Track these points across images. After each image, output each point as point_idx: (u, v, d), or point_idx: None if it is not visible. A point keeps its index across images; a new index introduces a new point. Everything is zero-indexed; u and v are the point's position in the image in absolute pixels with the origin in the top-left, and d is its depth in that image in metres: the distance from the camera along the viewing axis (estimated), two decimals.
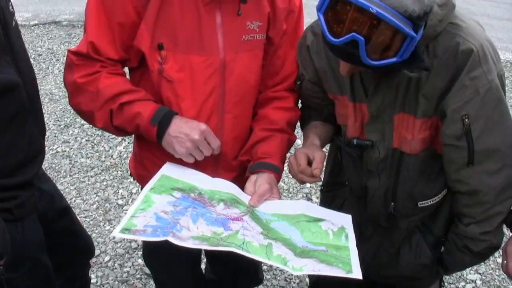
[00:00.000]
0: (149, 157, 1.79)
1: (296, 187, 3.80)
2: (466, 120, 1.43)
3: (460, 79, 1.42)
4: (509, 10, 11.62)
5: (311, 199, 3.69)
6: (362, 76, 1.58)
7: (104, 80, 1.59)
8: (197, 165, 1.67)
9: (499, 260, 3.07)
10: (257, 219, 1.52)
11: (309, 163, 1.60)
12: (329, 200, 1.94)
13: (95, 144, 4.31)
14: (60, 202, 1.86)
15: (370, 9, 1.16)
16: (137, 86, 1.68)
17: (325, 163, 1.75)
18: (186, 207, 1.49)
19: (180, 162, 1.65)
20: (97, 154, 4.20)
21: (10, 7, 1.57)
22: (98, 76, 1.59)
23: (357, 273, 1.38)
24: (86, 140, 4.38)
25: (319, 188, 2.06)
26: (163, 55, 1.57)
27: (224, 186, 1.64)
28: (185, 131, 1.56)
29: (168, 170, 1.64)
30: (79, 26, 7.06)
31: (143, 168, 1.83)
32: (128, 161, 4.06)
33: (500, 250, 1.66)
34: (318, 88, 1.74)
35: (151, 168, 1.74)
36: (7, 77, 1.44)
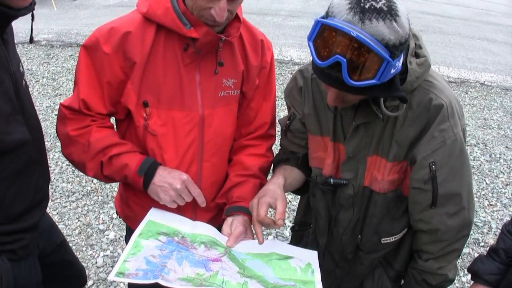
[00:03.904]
0: (135, 200, 1.95)
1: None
2: (433, 166, 1.61)
3: (431, 130, 1.61)
4: (480, 29, 11.99)
5: (285, 223, 3.85)
6: (343, 119, 1.75)
7: (95, 133, 1.75)
8: (178, 207, 1.82)
9: (464, 278, 3.30)
10: (234, 259, 1.70)
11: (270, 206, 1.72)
12: (297, 238, 2.11)
13: (75, 169, 4.39)
14: (57, 237, 1.91)
15: (351, 33, 1.30)
16: (123, 136, 1.85)
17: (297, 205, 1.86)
18: (172, 251, 1.66)
19: (164, 206, 1.81)
20: (78, 179, 4.30)
21: (21, 67, 1.65)
22: (89, 129, 1.75)
23: None
24: (67, 165, 4.46)
25: (290, 225, 2.23)
26: (148, 112, 1.73)
27: (204, 229, 1.82)
28: (168, 181, 1.73)
29: (153, 215, 1.81)
30: (58, 46, 7.15)
31: (129, 210, 1.99)
32: (108, 185, 4.20)
33: (465, 269, 1.82)
34: (306, 128, 1.88)
35: (137, 209, 1.92)
36: (19, 137, 1.52)
